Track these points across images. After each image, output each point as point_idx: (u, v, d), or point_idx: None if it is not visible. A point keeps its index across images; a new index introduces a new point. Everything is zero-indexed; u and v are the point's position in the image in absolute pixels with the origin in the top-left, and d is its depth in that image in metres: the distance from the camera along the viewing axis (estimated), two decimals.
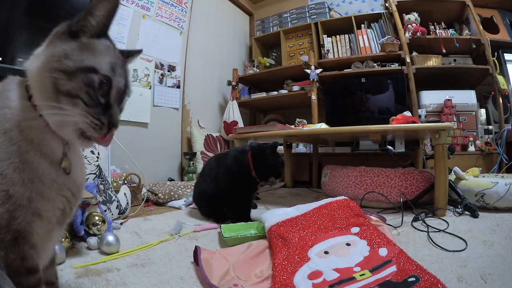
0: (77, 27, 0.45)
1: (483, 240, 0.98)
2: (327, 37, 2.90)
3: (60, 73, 0.42)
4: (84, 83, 0.43)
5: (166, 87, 2.43)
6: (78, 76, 0.43)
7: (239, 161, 1.30)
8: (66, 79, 0.43)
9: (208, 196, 1.38)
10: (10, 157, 0.43)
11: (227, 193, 1.30)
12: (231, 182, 1.30)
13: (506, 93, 2.37)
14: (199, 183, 1.48)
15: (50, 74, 0.42)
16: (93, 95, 0.44)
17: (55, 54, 0.43)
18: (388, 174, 1.58)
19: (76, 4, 1.49)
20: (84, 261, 0.87)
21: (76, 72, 0.43)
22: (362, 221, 0.96)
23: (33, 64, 0.45)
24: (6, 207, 0.42)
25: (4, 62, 1.23)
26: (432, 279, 0.62)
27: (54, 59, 0.43)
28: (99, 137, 0.47)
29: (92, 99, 0.44)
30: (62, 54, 0.43)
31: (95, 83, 0.44)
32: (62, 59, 0.43)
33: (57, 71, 0.42)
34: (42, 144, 0.47)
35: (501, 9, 2.64)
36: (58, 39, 0.45)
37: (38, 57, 0.46)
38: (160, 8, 2.39)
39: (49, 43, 0.46)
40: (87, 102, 0.44)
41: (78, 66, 0.43)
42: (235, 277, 0.73)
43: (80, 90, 0.43)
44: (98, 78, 0.44)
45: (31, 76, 0.46)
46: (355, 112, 2.72)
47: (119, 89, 0.48)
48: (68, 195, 0.50)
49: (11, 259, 0.43)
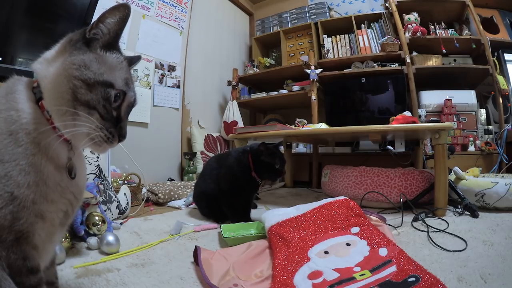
0: (90, 34, 0.47)
1: (483, 240, 0.98)
2: (327, 37, 2.90)
3: (81, 82, 0.44)
4: (102, 97, 0.46)
5: (166, 87, 2.44)
6: (98, 89, 0.45)
7: (240, 162, 1.31)
8: (86, 89, 0.44)
9: (208, 196, 1.38)
10: (16, 159, 0.43)
11: (228, 193, 1.30)
12: (232, 182, 1.30)
13: (506, 93, 2.37)
14: (199, 183, 1.48)
15: (70, 81, 0.44)
16: (109, 108, 0.47)
17: (75, 62, 0.45)
18: (388, 174, 1.58)
19: (76, 4, 1.49)
20: (84, 261, 0.87)
21: (96, 85, 0.45)
22: (362, 221, 0.96)
23: (48, 69, 0.46)
24: (9, 209, 0.42)
25: (4, 62, 1.23)
26: (432, 279, 0.62)
27: (74, 67, 0.44)
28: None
29: (108, 113, 0.47)
30: (82, 63, 0.45)
31: (111, 98, 0.47)
32: (83, 69, 0.44)
33: (78, 80, 0.44)
34: (48, 148, 0.47)
35: (501, 9, 2.64)
36: (73, 48, 0.46)
37: (51, 62, 0.46)
38: (160, 8, 2.39)
39: (63, 49, 0.47)
40: (103, 115, 0.46)
41: (98, 79, 0.45)
42: (235, 277, 0.73)
43: (98, 103, 0.45)
44: (114, 93, 0.47)
45: (45, 80, 0.46)
46: (355, 112, 2.72)
47: (130, 103, 0.51)
48: (71, 198, 0.51)
49: (13, 259, 0.43)
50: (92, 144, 0.47)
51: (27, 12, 1.31)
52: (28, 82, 0.50)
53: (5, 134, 0.44)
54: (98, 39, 0.47)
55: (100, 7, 1.90)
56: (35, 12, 1.32)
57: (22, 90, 0.48)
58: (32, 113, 0.46)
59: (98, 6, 1.88)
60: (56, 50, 0.48)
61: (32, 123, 0.46)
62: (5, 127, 0.44)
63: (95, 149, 0.49)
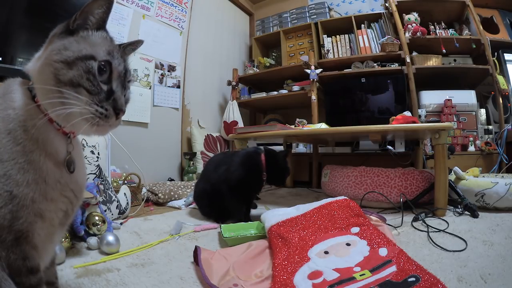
0: (74, 25, 0.46)
1: (483, 240, 0.98)
2: (327, 37, 2.90)
3: (60, 63, 0.44)
4: (84, 71, 0.44)
5: (166, 87, 2.43)
6: (78, 64, 0.44)
7: (253, 161, 1.33)
8: (66, 68, 0.44)
9: (210, 194, 1.38)
10: (14, 158, 0.43)
11: (236, 190, 1.30)
12: (242, 180, 1.30)
13: (506, 93, 2.37)
14: (200, 182, 1.47)
15: (51, 65, 0.44)
16: (95, 81, 0.45)
17: (54, 48, 0.45)
18: (388, 174, 1.58)
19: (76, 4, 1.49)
20: (84, 261, 0.87)
21: (76, 61, 0.44)
22: (362, 221, 0.96)
23: (35, 64, 0.46)
24: (9, 208, 0.42)
25: (4, 62, 1.23)
26: (432, 279, 0.62)
27: (54, 52, 0.44)
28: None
29: (94, 86, 0.45)
30: (61, 47, 0.45)
31: (94, 69, 0.45)
32: (62, 51, 0.44)
33: (58, 62, 0.44)
34: (47, 144, 0.47)
35: (501, 9, 2.64)
36: (56, 38, 0.46)
37: (39, 58, 0.47)
38: (160, 8, 2.39)
39: (48, 43, 0.47)
40: (89, 90, 0.45)
41: (77, 55, 0.44)
42: (235, 277, 0.73)
43: (81, 77, 0.44)
44: (97, 64, 0.45)
45: (33, 75, 0.47)
46: (355, 112, 2.72)
47: (119, 72, 0.49)
48: (71, 196, 0.51)
49: (12, 259, 0.43)
50: (89, 125, 0.45)
51: (27, 12, 1.31)
52: (23, 81, 0.50)
53: (3, 133, 0.44)
54: (84, 29, 0.47)
55: None
56: (35, 12, 1.32)
57: (18, 88, 0.48)
58: (28, 109, 0.46)
59: None
60: (43, 47, 0.48)
61: (29, 119, 0.46)
62: (3, 126, 0.44)
63: (94, 130, 0.47)
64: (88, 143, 1.29)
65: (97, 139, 1.34)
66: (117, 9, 2.05)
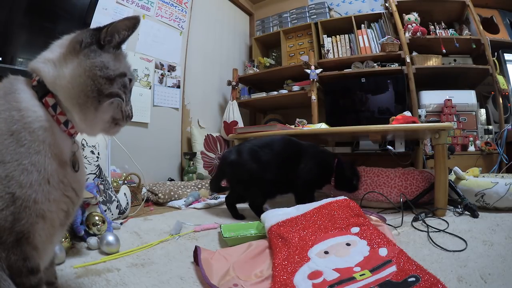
0: (105, 41, 0.53)
1: (483, 240, 0.98)
2: (327, 37, 2.90)
3: (103, 79, 0.51)
4: (122, 85, 0.54)
5: (166, 87, 2.43)
6: (117, 80, 0.53)
7: (327, 163, 1.46)
8: (108, 84, 0.52)
9: (265, 181, 1.41)
10: (18, 159, 0.43)
11: (307, 184, 1.42)
12: (315, 178, 1.44)
13: (506, 93, 2.38)
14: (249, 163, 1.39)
15: (96, 80, 0.50)
16: (127, 93, 0.56)
17: (96, 64, 0.51)
18: (388, 174, 1.58)
19: (76, 4, 1.49)
20: (84, 261, 0.87)
21: (116, 78, 0.53)
22: (362, 221, 0.96)
23: (62, 69, 0.49)
24: (11, 210, 0.42)
25: (4, 62, 1.23)
26: (432, 279, 0.62)
27: (97, 69, 0.50)
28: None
29: (125, 95, 0.56)
30: (102, 65, 0.51)
31: (126, 84, 0.56)
32: (104, 69, 0.51)
33: (102, 78, 0.51)
34: (54, 144, 0.48)
35: (501, 9, 2.64)
36: (88, 50, 0.51)
37: (62, 62, 0.50)
38: (160, 8, 2.39)
39: (72, 50, 0.50)
40: (123, 99, 0.55)
41: (117, 74, 0.53)
42: (235, 277, 0.73)
43: (119, 90, 0.54)
44: (127, 79, 0.56)
45: (61, 80, 0.49)
46: (355, 112, 2.72)
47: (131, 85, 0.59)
48: (72, 195, 0.51)
49: (13, 260, 0.43)
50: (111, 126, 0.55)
51: (27, 12, 1.31)
52: (27, 81, 0.50)
53: (5, 134, 0.44)
54: (111, 44, 0.54)
55: (100, 7, 1.91)
56: (35, 12, 1.32)
57: (24, 89, 0.49)
58: (37, 111, 0.48)
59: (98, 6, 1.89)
60: (63, 52, 0.51)
61: (37, 121, 0.47)
62: (5, 128, 0.44)
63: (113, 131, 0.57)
64: (88, 143, 1.28)
65: (97, 139, 1.34)
66: (117, 9, 2.05)
